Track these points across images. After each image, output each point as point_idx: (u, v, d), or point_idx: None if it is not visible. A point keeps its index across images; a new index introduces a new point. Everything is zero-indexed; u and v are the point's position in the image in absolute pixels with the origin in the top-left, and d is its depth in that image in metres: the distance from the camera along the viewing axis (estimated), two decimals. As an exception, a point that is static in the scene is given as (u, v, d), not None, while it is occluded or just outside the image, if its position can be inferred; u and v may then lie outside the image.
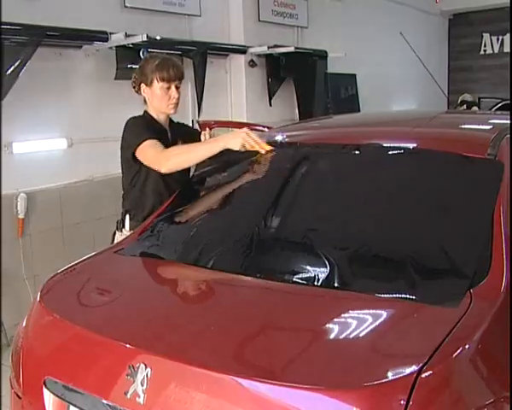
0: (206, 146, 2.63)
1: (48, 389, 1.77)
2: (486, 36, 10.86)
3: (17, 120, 4.34)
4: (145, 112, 2.91)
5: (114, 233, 2.94)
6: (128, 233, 2.75)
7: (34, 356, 1.90)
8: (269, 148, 2.47)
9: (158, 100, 2.81)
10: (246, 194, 2.45)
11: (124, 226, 2.87)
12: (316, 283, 1.81)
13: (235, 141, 2.49)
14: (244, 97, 6.49)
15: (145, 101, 2.89)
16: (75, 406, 1.71)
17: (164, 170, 2.63)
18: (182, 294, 1.98)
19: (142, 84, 2.83)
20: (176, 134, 2.92)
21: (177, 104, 2.85)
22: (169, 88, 2.79)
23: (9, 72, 4.14)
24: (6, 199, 4.20)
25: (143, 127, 2.76)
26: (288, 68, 6.84)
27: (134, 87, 2.90)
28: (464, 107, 8.43)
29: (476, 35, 10.96)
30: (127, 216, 2.87)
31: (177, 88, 2.82)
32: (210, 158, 2.60)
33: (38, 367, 1.86)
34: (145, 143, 2.66)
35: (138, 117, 2.87)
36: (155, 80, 2.78)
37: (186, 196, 2.58)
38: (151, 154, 2.66)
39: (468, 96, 8.80)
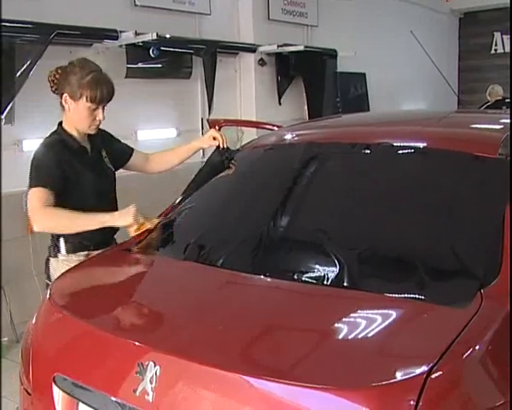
0: (89, 220, 2.39)
1: (57, 385, 1.78)
2: (497, 35, 10.81)
3: (27, 118, 4.36)
4: (60, 127, 2.57)
5: (48, 260, 2.62)
6: (66, 258, 2.53)
7: (44, 353, 1.91)
8: (157, 221, 2.41)
9: (80, 119, 2.49)
10: (255, 193, 2.45)
11: (59, 251, 2.55)
12: (325, 282, 1.81)
13: (125, 219, 2.36)
14: (253, 96, 6.50)
15: (62, 106, 2.54)
16: (84, 403, 1.72)
17: (36, 228, 2.40)
18: (191, 292, 1.98)
19: (66, 95, 2.47)
20: (99, 146, 2.66)
21: (99, 125, 2.56)
22: (96, 109, 2.48)
23: (20, 70, 4.17)
24: (16, 196, 4.22)
25: (46, 166, 2.43)
26: (298, 67, 6.84)
27: (52, 87, 2.52)
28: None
29: (487, 34, 10.90)
30: (61, 240, 2.54)
31: (103, 108, 2.52)
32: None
33: (48, 364, 1.86)
34: (33, 189, 2.40)
35: (50, 144, 2.50)
36: (84, 98, 2.44)
37: (195, 195, 2.58)
38: (32, 205, 2.40)
39: (496, 88, 8.23)
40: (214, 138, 2.79)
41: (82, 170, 2.51)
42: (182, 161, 2.94)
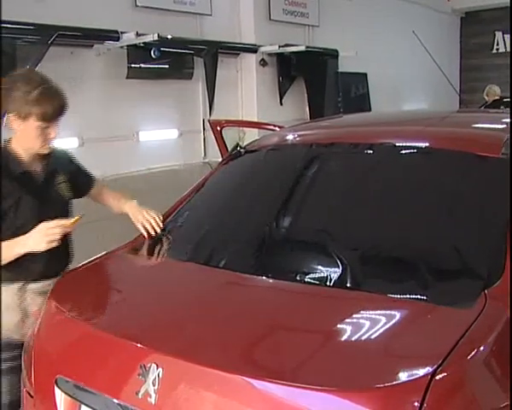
0: (5, 250, 2.10)
1: (59, 388, 1.77)
2: (499, 34, 10.79)
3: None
4: (6, 147, 2.20)
5: None
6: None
7: (46, 355, 1.90)
8: (76, 218, 2.13)
9: (30, 140, 2.16)
10: (257, 194, 2.44)
11: None
12: (328, 283, 1.80)
13: (39, 242, 2.06)
14: (255, 96, 6.49)
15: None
16: (86, 405, 1.71)
17: None
18: (193, 294, 1.97)
19: (11, 115, 2.11)
20: (54, 170, 2.31)
21: (51, 143, 2.24)
22: (48, 127, 2.15)
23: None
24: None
25: None
26: (299, 67, 6.83)
27: None
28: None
29: (488, 33, 10.89)
30: None
31: (56, 124, 2.18)
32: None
33: (50, 366, 1.86)
34: None
35: None
36: (33, 118, 2.10)
37: (197, 197, 2.58)
38: None
39: (493, 87, 8.21)
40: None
41: (22, 197, 2.17)
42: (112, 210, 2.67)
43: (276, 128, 3.53)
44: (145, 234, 2.40)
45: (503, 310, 1.55)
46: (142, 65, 5.30)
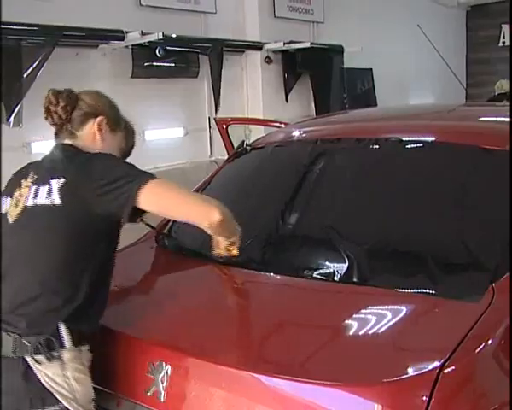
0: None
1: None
2: (505, 27, 10.70)
3: (35, 120, 4.35)
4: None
5: (27, 370, 1.53)
6: (75, 353, 1.58)
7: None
8: None
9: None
10: (262, 191, 2.44)
11: (61, 346, 1.56)
12: (337, 278, 1.80)
13: None
14: (260, 94, 6.49)
15: (68, 131, 1.79)
16: (96, 403, 1.72)
17: (218, 218, 1.60)
18: (201, 290, 1.98)
19: (104, 119, 1.84)
20: None
21: None
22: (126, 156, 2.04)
23: (27, 72, 4.19)
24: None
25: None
26: (304, 64, 6.82)
27: (66, 107, 1.76)
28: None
29: (494, 27, 10.81)
30: (62, 327, 1.57)
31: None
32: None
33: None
34: (157, 180, 1.64)
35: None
36: (123, 131, 2.01)
37: (206, 194, 2.58)
38: (188, 194, 1.68)
39: (502, 82, 8.21)
40: None
41: None
42: None
43: (282, 125, 3.52)
44: None
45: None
46: (148, 64, 5.31)
